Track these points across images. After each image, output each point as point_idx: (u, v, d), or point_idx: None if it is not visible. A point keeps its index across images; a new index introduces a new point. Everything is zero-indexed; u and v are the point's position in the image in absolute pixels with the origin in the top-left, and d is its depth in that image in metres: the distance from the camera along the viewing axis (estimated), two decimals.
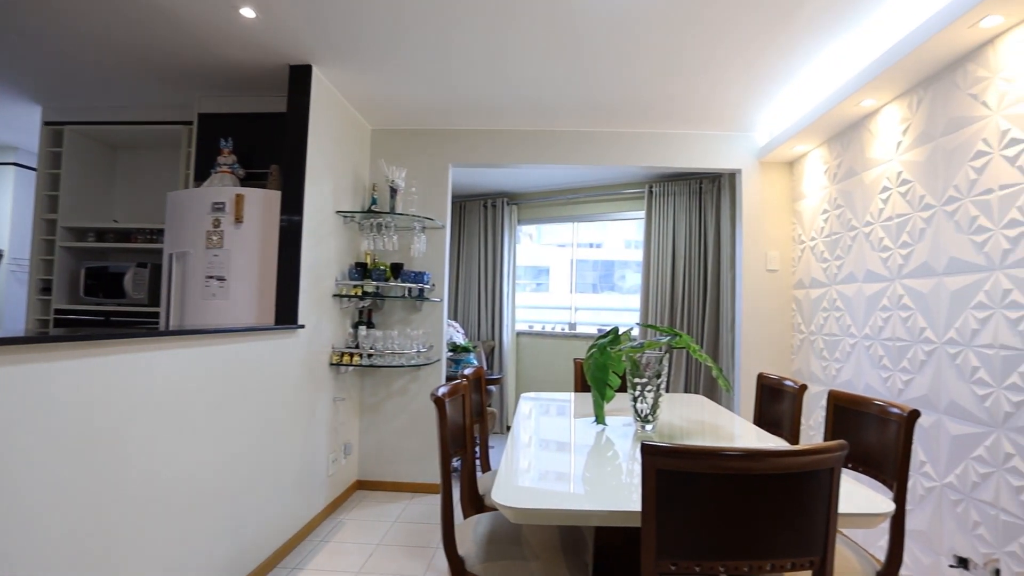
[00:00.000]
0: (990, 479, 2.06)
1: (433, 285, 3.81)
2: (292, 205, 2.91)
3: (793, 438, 2.12)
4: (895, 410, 1.62)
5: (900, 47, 2.29)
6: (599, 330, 5.42)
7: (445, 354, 3.94)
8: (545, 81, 3.07)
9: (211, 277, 2.85)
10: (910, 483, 2.48)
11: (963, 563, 2.17)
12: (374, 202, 3.62)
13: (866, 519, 1.22)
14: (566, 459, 1.66)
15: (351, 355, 3.37)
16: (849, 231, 3.05)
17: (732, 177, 4.33)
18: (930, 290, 2.40)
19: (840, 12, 2.31)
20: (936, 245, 2.37)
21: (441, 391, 1.77)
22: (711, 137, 3.82)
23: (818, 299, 3.38)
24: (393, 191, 3.57)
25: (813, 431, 3.41)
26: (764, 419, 2.38)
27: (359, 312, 3.72)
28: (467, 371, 2.42)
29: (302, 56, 2.86)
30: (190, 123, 3.51)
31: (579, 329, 5.65)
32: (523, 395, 2.81)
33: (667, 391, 4.52)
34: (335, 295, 3.36)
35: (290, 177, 2.92)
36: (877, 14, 2.31)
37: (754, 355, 3.76)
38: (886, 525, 2.55)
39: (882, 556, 2.35)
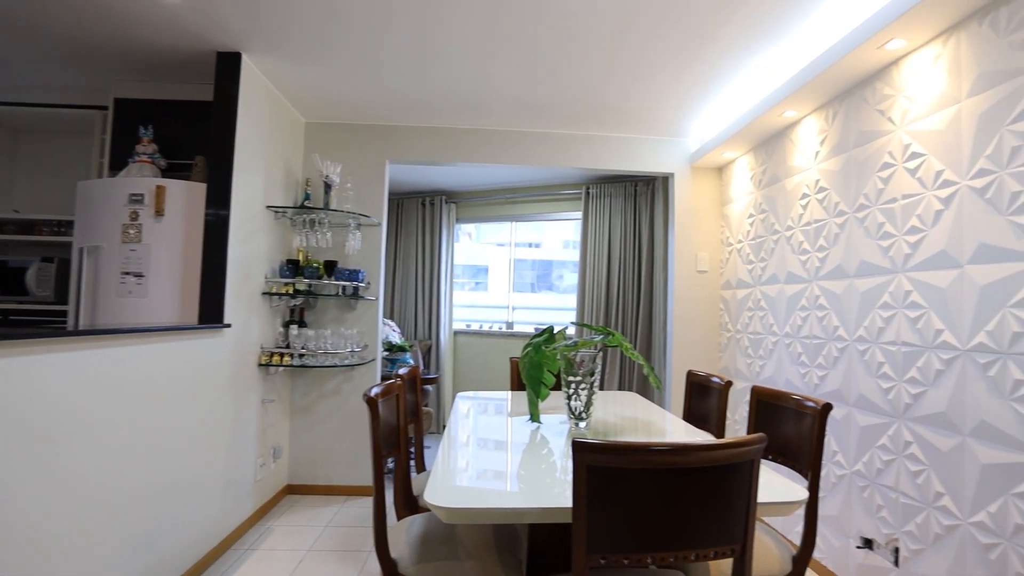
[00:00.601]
0: (892, 465, 2.22)
1: (368, 283, 3.73)
2: (219, 198, 2.77)
3: (719, 432, 2.22)
4: (810, 404, 1.72)
5: (817, 63, 2.43)
6: (536, 329, 5.48)
7: (380, 354, 3.87)
8: (482, 80, 3.07)
9: (127, 273, 2.68)
10: (824, 472, 2.65)
11: (868, 544, 2.33)
12: (307, 197, 3.51)
13: (783, 507, 1.28)
14: (500, 458, 1.67)
15: (281, 355, 3.25)
16: (772, 235, 3.22)
17: (665, 180, 4.47)
18: (843, 291, 2.56)
19: (764, 29, 2.43)
20: (848, 249, 2.54)
21: (374, 391, 1.74)
22: (646, 141, 3.94)
23: (744, 299, 3.55)
24: (328, 187, 3.48)
25: (739, 425, 3.58)
26: (693, 414, 2.47)
27: (291, 311, 3.60)
28: (402, 371, 2.38)
29: (231, 43, 2.73)
30: (105, 108, 3.28)
31: (517, 328, 5.68)
32: (459, 394, 2.80)
33: (601, 389, 4.62)
34: (265, 293, 3.23)
35: (217, 169, 2.79)
36: (798, 31, 2.44)
37: (684, 353, 3.90)
38: (802, 511, 2.70)
39: (799, 541, 2.48)
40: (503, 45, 2.66)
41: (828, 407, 1.67)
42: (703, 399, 2.38)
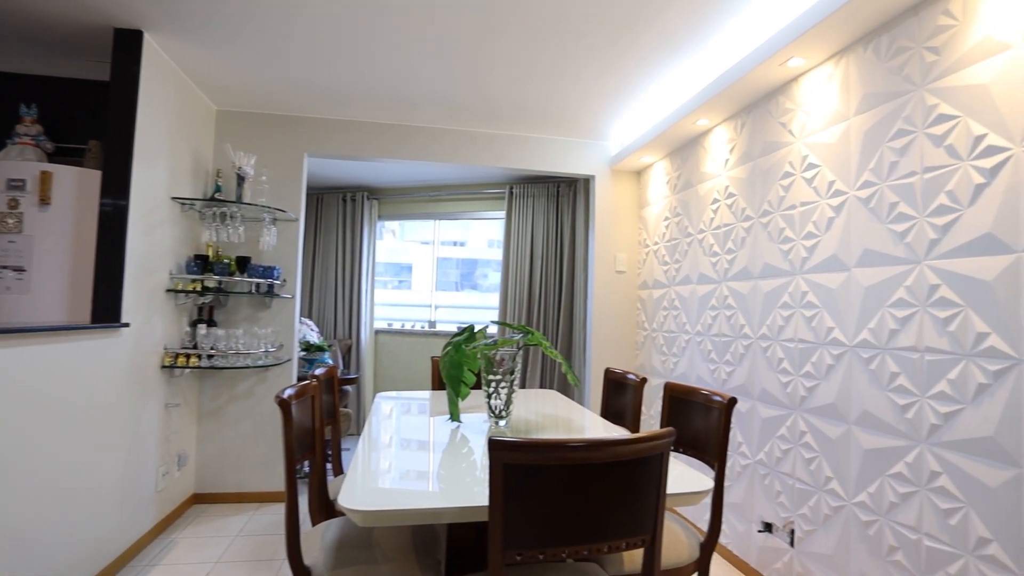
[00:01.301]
0: (789, 454, 2.39)
1: (284, 281, 3.58)
2: (116, 187, 2.57)
3: (634, 427, 2.30)
4: (717, 398, 1.82)
5: (728, 76, 2.57)
6: (459, 328, 5.47)
7: (297, 354, 3.73)
8: (404, 75, 3.02)
9: (5, 267, 2.42)
10: (730, 462, 2.81)
11: (768, 527, 2.50)
12: (219, 189, 3.32)
13: (691, 497, 1.35)
14: (419, 458, 1.65)
15: (188, 356, 3.06)
16: (686, 237, 3.37)
17: (587, 182, 4.58)
18: (748, 291, 2.73)
19: (681, 39, 2.53)
20: (754, 252, 2.70)
21: (287, 392, 1.67)
22: (568, 143, 4.02)
23: (659, 299, 3.70)
24: (241, 179, 3.30)
25: (654, 420, 3.73)
26: (610, 411, 2.55)
27: (199, 309, 3.39)
28: (319, 371, 2.30)
29: (131, 19, 2.53)
30: None
31: (440, 327, 5.65)
32: (379, 394, 2.74)
33: (523, 387, 4.68)
34: (170, 290, 3.03)
35: (114, 155, 2.58)
36: (711, 44, 2.57)
37: (603, 351, 4.02)
38: (709, 500, 2.85)
39: (707, 528, 2.60)
40: (421, 40, 2.63)
41: (733, 401, 1.77)
42: (619, 396, 2.46)
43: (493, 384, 1.91)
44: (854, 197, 2.10)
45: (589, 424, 2.14)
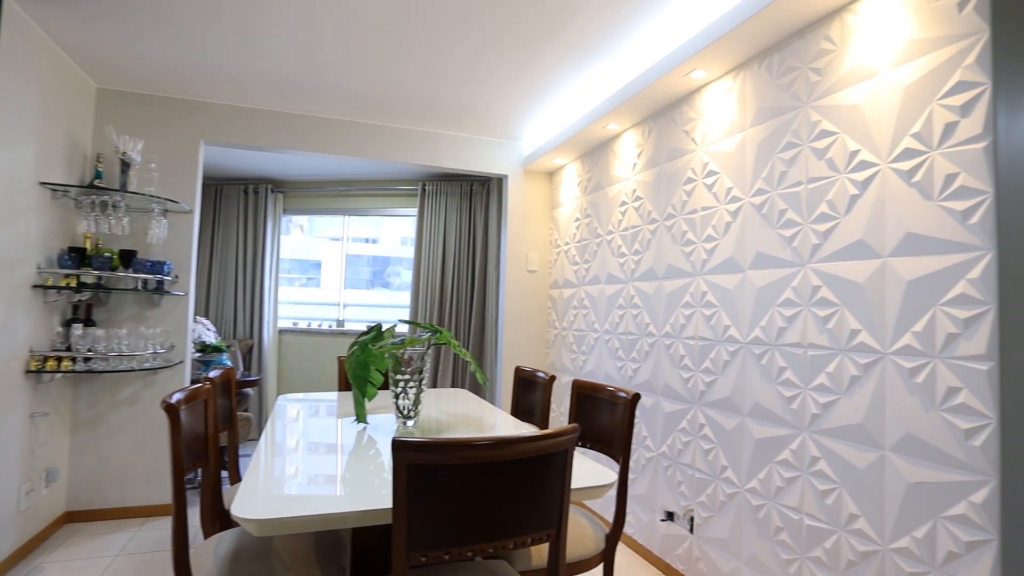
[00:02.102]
0: (689, 446, 2.51)
1: (177, 277, 3.31)
2: None
3: (544, 424, 2.33)
4: (622, 394, 1.87)
5: (637, 83, 2.67)
6: (368, 327, 5.32)
7: (191, 355, 3.47)
8: (311, 63, 2.89)
9: None
10: (635, 455, 2.92)
11: (670, 516, 2.62)
12: (99, 176, 3.02)
13: (595, 491, 1.38)
14: (322, 461, 1.57)
15: (60, 359, 2.75)
16: (595, 238, 3.47)
17: (500, 182, 4.60)
18: (653, 291, 2.84)
19: (592, 45, 2.59)
20: (658, 253, 2.82)
21: (175, 397, 1.54)
22: (482, 142, 4.01)
23: (569, 298, 3.78)
24: (126, 165, 3.02)
25: (563, 416, 3.80)
26: (520, 409, 2.56)
27: (74, 307, 3.06)
28: (214, 373, 2.15)
29: None
30: None
31: (348, 326, 5.46)
32: (280, 396, 2.60)
33: (434, 387, 4.63)
34: (37, 286, 2.71)
35: None
36: (621, 52, 2.65)
37: (514, 349, 4.05)
38: (615, 493, 2.93)
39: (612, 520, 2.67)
40: (330, 27, 2.52)
41: (637, 397, 1.83)
42: (529, 393, 2.48)
43: (401, 384, 1.86)
44: (749, 203, 2.23)
45: (499, 422, 2.14)
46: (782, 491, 2.01)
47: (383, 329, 1.92)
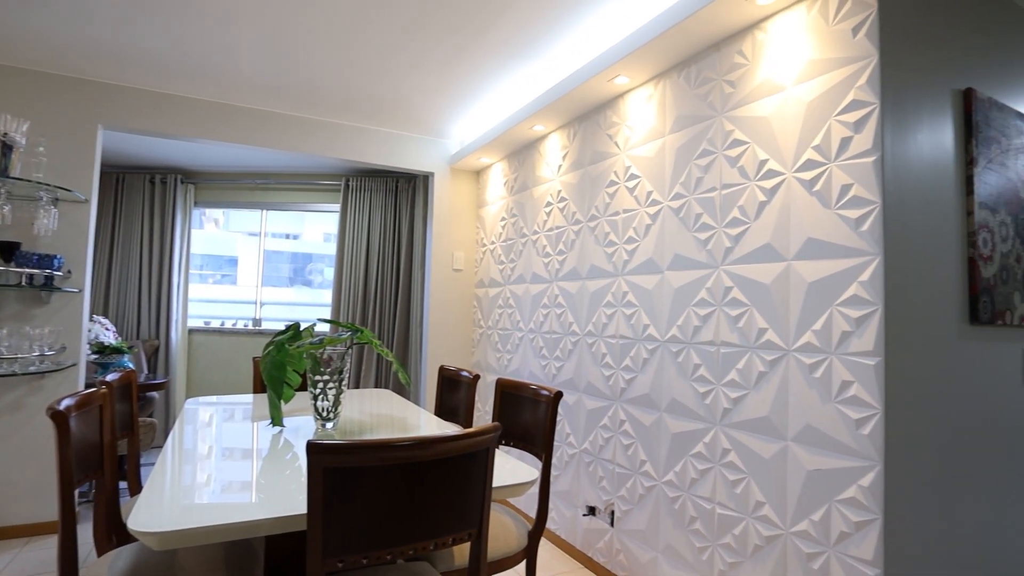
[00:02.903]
0: (611, 442, 2.58)
1: (69, 272, 3.04)
2: None
3: (468, 423, 2.32)
4: (544, 392, 1.89)
5: (563, 85, 2.71)
6: (287, 327, 5.10)
7: (86, 357, 3.19)
8: (226, 48, 2.73)
9: None
10: (558, 452, 2.96)
11: (592, 511, 2.68)
12: None
13: (516, 488, 1.38)
14: (234, 467, 1.49)
15: None
16: (521, 238, 3.49)
17: (426, 179, 4.55)
18: (577, 291, 2.90)
19: (520, 46, 2.61)
20: (582, 254, 2.88)
21: (64, 403, 1.41)
22: (408, 138, 3.95)
23: (495, 297, 3.79)
24: (7, 147, 2.73)
25: (488, 416, 3.80)
26: (444, 408, 2.54)
27: None
28: (112, 376, 1.99)
29: None
30: None
31: (266, 326, 5.22)
32: (188, 400, 2.44)
33: (356, 387, 4.51)
34: None
35: None
36: (549, 54, 2.68)
37: (440, 349, 4.01)
38: (537, 490, 2.96)
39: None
40: (245, 11, 2.40)
41: (559, 395, 1.86)
42: (453, 393, 2.46)
43: (320, 385, 1.79)
44: (667, 207, 2.32)
45: (422, 422, 2.11)
46: (696, 483, 2.11)
47: (301, 328, 1.85)
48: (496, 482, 1.39)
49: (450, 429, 2.07)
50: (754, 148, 1.95)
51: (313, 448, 0.95)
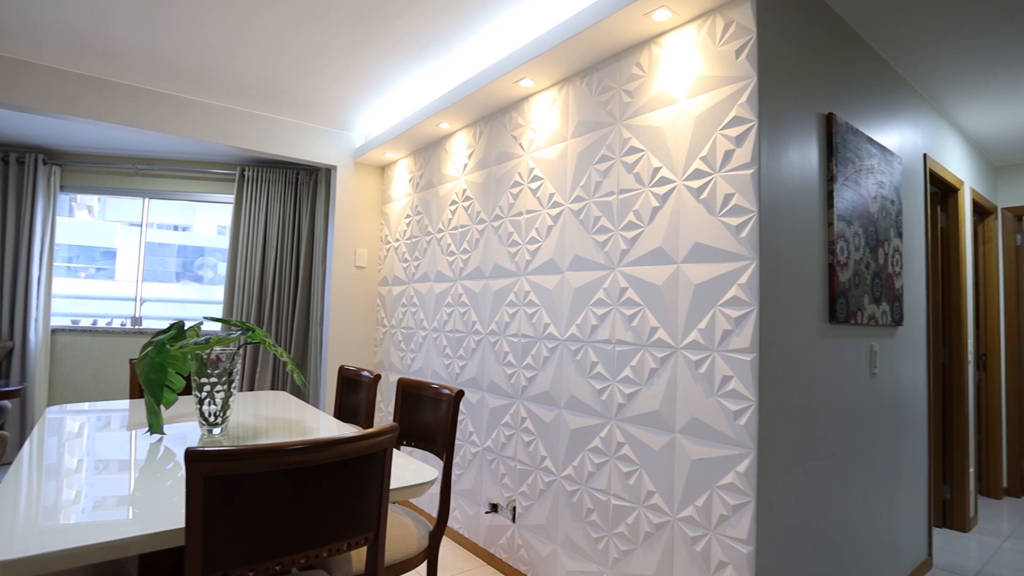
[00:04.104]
0: (512, 439, 2.62)
1: None
2: None
3: (369, 424, 2.26)
4: (446, 391, 1.89)
5: (469, 84, 2.71)
6: (170, 325, 4.72)
7: None
8: (101, 15, 2.48)
9: None
10: (461, 451, 2.97)
11: (494, 508, 2.71)
12: None
13: (416, 489, 1.37)
14: (104, 481, 1.36)
15: None
16: (425, 236, 3.46)
17: (328, 172, 4.39)
18: (480, 290, 2.92)
19: (427, 42, 2.58)
20: (486, 253, 2.90)
21: None
22: (309, 129, 3.79)
23: (399, 295, 3.73)
24: None
25: (390, 416, 3.73)
26: (344, 410, 2.47)
27: None
28: None
29: None
30: None
31: (147, 324, 4.81)
32: (49, 409, 2.20)
33: (251, 390, 4.27)
34: None
35: None
36: (456, 53, 2.67)
37: (341, 348, 3.89)
38: (438, 490, 2.95)
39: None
40: None
41: (460, 394, 1.87)
42: (354, 393, 2.40)
43: (206, 388, 1.68)
44: (568, 209, 2.40)
45: (321, 425, 2.03)
46: (593, 476, 2.19)
47: (186, 327, 1.72)
48: (395, 483, 1.38)
49: (349, 431, 2.01)
50: (649, 156, 2.06)
51: (192, 456, 0.89)
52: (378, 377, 2.27)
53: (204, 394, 1.67)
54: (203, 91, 3.28)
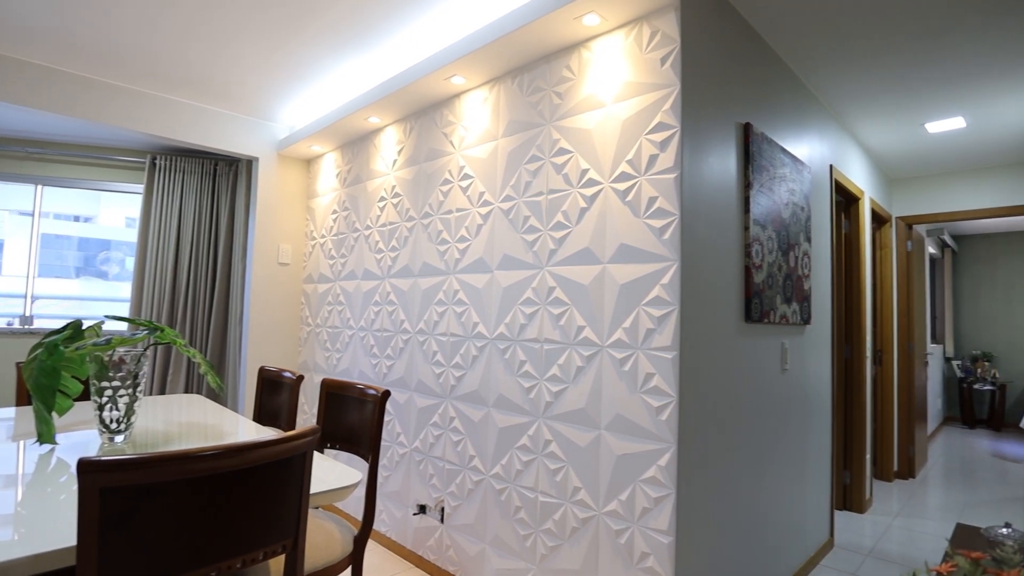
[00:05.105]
0: (441, 439, 2.60)
1: None
2: None
3: (291, 427, 2.17)
4: (371, 392, 1.85)
5: (400, 79, 2.66)
6: (66, 325, 4.34)
7: None
8: None
9: None
10: (388, 452, 2.91)
11: (423, 509, 2.67)
12: None
13: (338, 493, 1.33)
14: None
15: None
16: (353, 232, 3.37)
17: (250, 164, 4.18)
18: (409, 288, 2.87)
19: (357, 32, 2.50)
20: (415, 251, 2.85)
21: None
22: (229, 118, 3.59)
23: (324, 293, 3.61)
24: None
25: (314, 419, 3.61)
26: (264, 412, 2.36)
27: None
28: None
29: None
30: None
31: (41, 324, 4.41)
32: None
33: (162, 394, 4.02)
34: None
35: None
36: (387, 45, 2.61)
37: (262, 349, 3.72)
38: (363, 493, 2.89)
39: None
40: None
41: (386, 394, 1.83)
42: (275, 395, 2.30)
43: (108, 393, 1.55)
44: (498, 208, 2.40)
45: (240, 429, 1.93)
46: (521, 474, 2.21)
47: (84, 327, 1.59)
48: (316, 488, 1.33)
49: (268, 434, 1.93)
50: (577, 157, 2.09)
51: (85, 466, 0.81)
52: (301, 378, 2.18)
53: (105, 399, 1.55)
54: (108, 71, 3.04)
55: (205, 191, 4.27)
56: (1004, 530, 1.67)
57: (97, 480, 0.82)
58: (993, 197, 4.21)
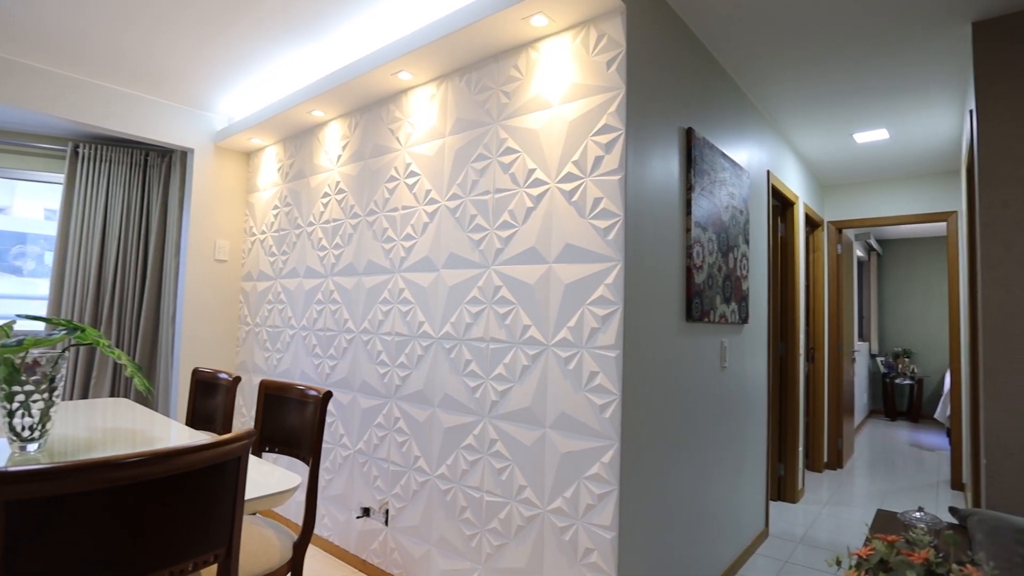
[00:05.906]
0: (385, 440, 2.56)
1: None
2: None
3: (227, 430, 2.09)
4: (312, 393, 1.80)
5: (345, 72, 2.59)
6: None
7: None
8: None
9: None
10: (331, 455, 2.84)
11: (366, 512, 2.62)
12: None
13: (276, 498, 1.28)
14: None
15: None
16: (295, 229, 3.27)
17: (184, 156, 3.99)
18: (353, 287, 2.81)
19: (301, 21, 2.43)
20: (359, 249, 2.79)
21: None
22: (162, 106, 3.42)
23: (264, 292, 3.49)
24: None
25: (252, 421, 3.48)
26: (198, 415, 2.26)
27: None
28: None
29: None
30: None
31: None
32: None
33: (84, 398, 3.78)
34: None
35: None
36: (331, 37, 2.54)
37: (197, 349, 3.56)
38: (304, 498, 2.82)
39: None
40: None
41: (328, 395, 1.78)
42: (210, 398, 2.20)
43: (19, 398, 1.45)
44: (445, 207, 2.38)
45: (171, 434, 1.84)
46: (466, 473, 2.20)
47: None
48: (252, 493, 1.28)
49: (201, 439, 1.84)
50: (524, 157, 2.10)
51: None
52: (238, 379, 2.10)
53: (16, 405, 1.44)
54: (29, 52, 2.83)
55: (135, 183, 4.04)
56: (917, 514, 1.79)
57: (2, 492, 0.76)
58: (914, 204, 4.50)
